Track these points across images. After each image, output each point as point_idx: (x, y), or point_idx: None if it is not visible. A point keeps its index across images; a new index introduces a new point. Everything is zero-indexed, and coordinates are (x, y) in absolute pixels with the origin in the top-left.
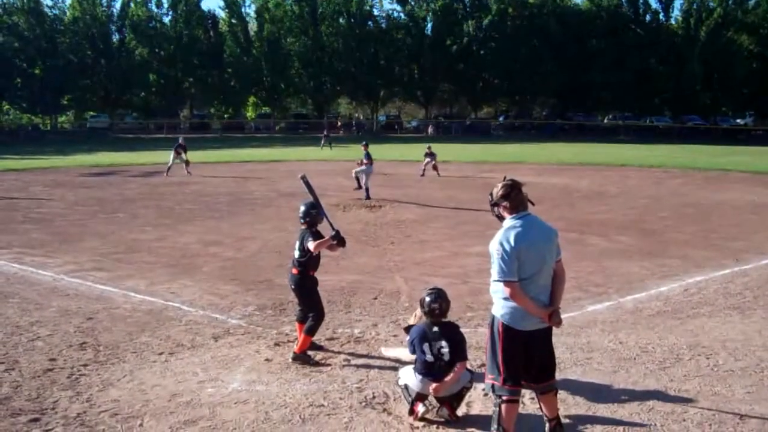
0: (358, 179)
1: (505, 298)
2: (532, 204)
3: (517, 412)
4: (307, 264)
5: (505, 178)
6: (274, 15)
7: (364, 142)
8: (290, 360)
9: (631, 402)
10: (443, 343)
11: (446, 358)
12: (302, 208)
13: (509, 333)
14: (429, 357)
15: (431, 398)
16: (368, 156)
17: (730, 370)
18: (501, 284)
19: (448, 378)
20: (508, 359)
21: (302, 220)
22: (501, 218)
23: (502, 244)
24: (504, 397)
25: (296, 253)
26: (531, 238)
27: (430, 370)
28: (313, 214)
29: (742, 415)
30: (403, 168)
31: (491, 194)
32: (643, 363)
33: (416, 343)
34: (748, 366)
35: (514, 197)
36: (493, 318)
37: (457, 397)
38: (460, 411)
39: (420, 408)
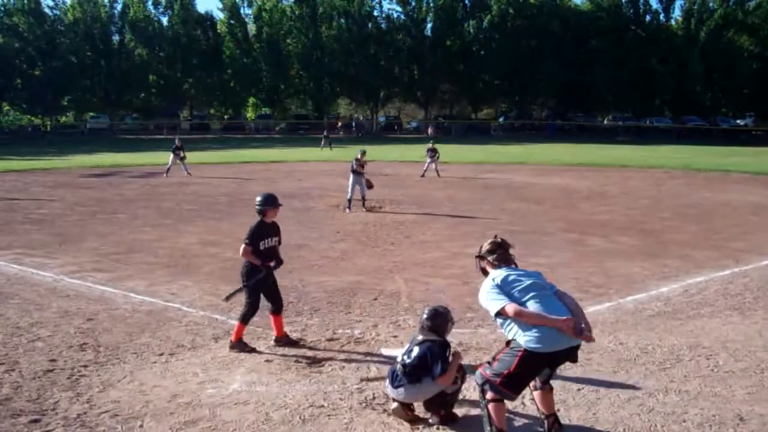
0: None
1: (522, 326)
2: (516, 266)
3: (506, 409)
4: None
5: (495, 236)
6: (272, 17)
7: (362, 150)
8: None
9: (632, 403)
10: (412, 355)
11: (406, 369)
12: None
13: (531, 358)
14: (399, 359)
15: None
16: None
17: (731, 370)
18: (504, 312)
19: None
20: (514, 375)
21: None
22: (485, 272)
23: (488, 285)
24: (489, 396)
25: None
26: (516, 276)
27: (392, 375)
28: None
29: (743, 416)
30: (403, 168)
31: (480, 247)
32: (643, 364)
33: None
34: (748, 367)
35: (499, 255)
36: (515, 341)
37: (441, 404)
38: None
39: (393, 405)
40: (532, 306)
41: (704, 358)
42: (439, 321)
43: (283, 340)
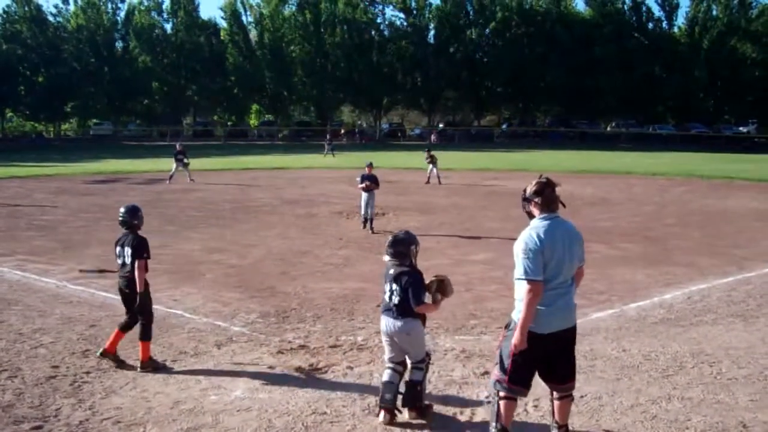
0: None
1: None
2: (563, 206)
3: (515, 409)
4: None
5: (541, 175)
6: (273, 23)
7: (369, 163)
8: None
9: (635, 410)
10: (394, 286)
11: (394, 300)
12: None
13: (529, 338)
14: (385, 295)
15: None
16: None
17: (734, 377)
18: (524, 283)
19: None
20: (517, 362)
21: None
22: (531, 215)
23: (527, 243)
24: (502, 394)
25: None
26: (556, 241)
27: (385, 308)
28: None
29: (746, 423)
30: (407, 175)
31: (525, 190)
32: (646, 371)
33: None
34: (751, 374)
35: (547, 195)
36: (511, 321)
37: (415, 397)
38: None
39: (380, 416)
40: (547, 283)
41: (707, 365)
42: (400, 247)
43: (110, 356)
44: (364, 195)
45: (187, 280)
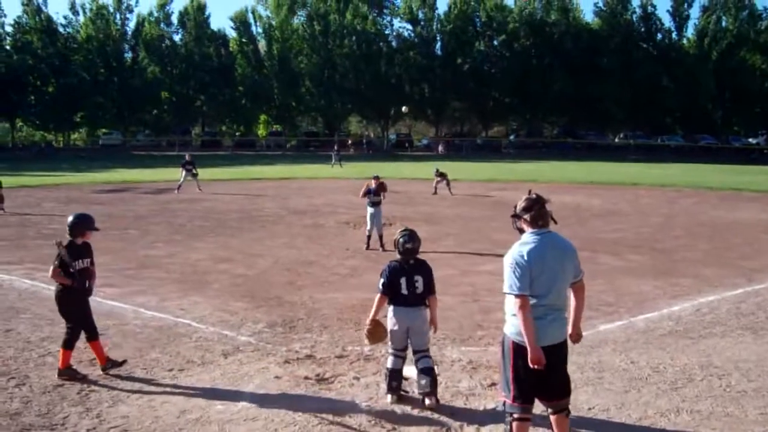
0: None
1: (515, 315)
2: (555, 222)
3: (529, 431)
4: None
5: (530, 192)
6: (283, 34)
7: (375, 176)
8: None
9: (643, 422)
10: (417, 276)
11: (419, 290)
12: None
13: (520, 351)
14: (404, 290)
15: (405, 384)
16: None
17: (743, 390)
18: (512, 298)
19: (431, 312)
20: (519, 377)
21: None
22: (521, 231)
23: (515, 258)
24: (515, 415)
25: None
26: (546, 255)
27: (405, 302)
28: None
29: None
30: (414, 186)
31: (515, 207)
32: (654, 383)
33: (391, 277)
34: (761, 387)
35: (536, 212)
36: (504, 336)
37: (435, 383)
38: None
39: (389, 398)
40: (539, 300)
41: (716, 377)
42: (417, 242)
43: (108, 365)
44: (370, 210)
45: (195, 290)
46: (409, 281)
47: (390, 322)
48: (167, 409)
